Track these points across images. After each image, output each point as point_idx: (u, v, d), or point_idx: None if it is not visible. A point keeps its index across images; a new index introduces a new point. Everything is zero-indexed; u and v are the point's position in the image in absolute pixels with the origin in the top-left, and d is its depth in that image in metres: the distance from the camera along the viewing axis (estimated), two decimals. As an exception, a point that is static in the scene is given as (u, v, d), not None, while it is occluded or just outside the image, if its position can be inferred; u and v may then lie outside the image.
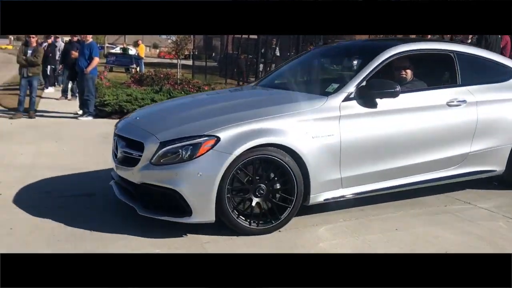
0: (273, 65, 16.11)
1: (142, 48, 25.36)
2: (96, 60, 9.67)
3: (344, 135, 3.88)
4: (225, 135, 3.58)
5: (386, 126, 4.10)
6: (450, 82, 4.66)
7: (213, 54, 31.47)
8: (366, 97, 4.04)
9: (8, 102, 11.33)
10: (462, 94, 4.50)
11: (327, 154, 3.83)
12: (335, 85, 4.19)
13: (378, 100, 4.06)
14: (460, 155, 4.48)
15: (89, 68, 9.54)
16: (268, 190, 3.70)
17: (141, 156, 3.70)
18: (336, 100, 3.97)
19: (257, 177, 3.68)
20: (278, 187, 3.73)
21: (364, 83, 4.09)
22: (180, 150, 3.57)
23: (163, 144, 3.62)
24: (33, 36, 9.60)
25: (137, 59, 24.82)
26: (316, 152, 3.77)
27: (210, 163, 3.50)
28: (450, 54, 4.64)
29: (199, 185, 3.51)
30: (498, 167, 4.75)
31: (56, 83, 15.14)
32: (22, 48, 9.69)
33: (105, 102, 9.93)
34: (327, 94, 4.07)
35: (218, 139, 3.56)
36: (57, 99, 12.86)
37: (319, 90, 4.24)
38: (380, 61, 4.24)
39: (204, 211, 3.53)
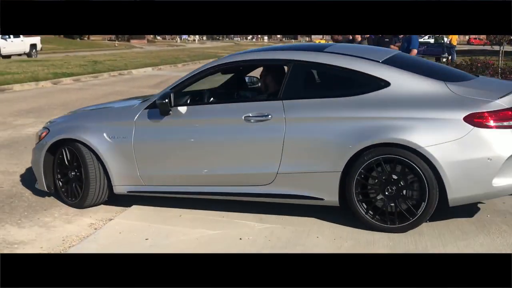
0: None
1: (455, 36, 22.31)
2: (414, 52, 9.44)
3: (136, 139, 4.49)
4: (53, 128, 4.88)
5: (173, 136, 4.44)
6: (272, 95, 4.47)
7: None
8: (157, 107, 4.41)
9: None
10: (270, 109, 4.14)
11: (123, 154, 4.52)
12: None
13: (171, 110, 4.35)
14: (267, 174, 4.15)
15: None
16: (74, 176, 4.71)
17: None
18: (140, 108, 4.58)
19: (71, 165, 4.70)
20: (78, 175, 4.67)
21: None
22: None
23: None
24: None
25: (449, 47, 22.24)
26: (113, 151, 4.53)
27: (39, 148, 4.82)
28: (284, 65, 4.44)
29: (35, 163, 4.90)
30: (328, 196, 4.03)
31: None
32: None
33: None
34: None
35: (48, 131, 4.84)
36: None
37: None
38: (191, 75, 4.57)
39: (41, 183, 4.86)
